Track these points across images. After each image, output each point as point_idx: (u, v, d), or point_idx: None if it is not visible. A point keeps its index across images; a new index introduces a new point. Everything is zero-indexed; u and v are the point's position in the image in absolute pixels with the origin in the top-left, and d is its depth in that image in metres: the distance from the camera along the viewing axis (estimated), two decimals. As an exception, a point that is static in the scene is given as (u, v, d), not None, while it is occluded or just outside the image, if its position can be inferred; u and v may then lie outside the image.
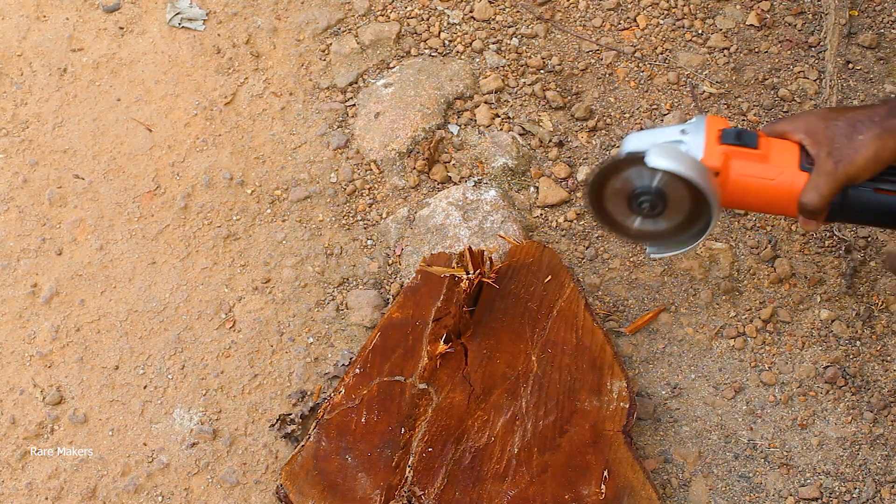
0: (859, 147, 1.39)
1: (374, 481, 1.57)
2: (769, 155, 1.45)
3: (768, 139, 1.47)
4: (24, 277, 1.92)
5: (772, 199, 1.47)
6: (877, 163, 1.39)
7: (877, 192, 1.41)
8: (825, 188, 1.41)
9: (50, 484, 1.76)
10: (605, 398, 1.62)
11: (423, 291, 1.74)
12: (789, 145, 1.46)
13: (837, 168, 1.40)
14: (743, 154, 1.44)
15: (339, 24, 2.13)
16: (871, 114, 1.39)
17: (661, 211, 1.48)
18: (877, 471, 1.67)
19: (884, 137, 1.38)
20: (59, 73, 2.11)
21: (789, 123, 1.48)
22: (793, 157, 1.45)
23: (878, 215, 1.45)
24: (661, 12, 2.06)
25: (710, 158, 1.43)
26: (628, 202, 1.49)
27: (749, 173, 1.45)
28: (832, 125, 1.42)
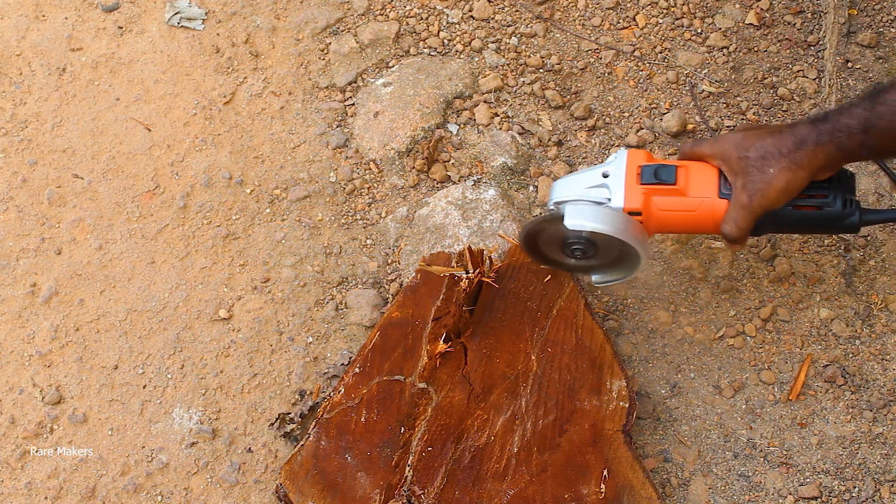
0: (771, 180, 1.44)
1: (374, 480, 1.57)
2: (688, 187, 1.52)
3: (687, 169, 1.53)
4: (23, 277, 1.92)
5: (695, 227, 1.56)
6: (788, 193, 1.45)
7: (795, 208, 1.49)
8: (741, 221, 1.48)
9: (49, 483, 1.75)
10: (604, 397, 1.62)
11: (423, 291, 1.74)
12: (708, 172, 1.54)
13: (752, 202, 1.46)
14: (662, 191, 1.53)
15: (339, 24, 2.13)
16: (780, 145, 1.43)
17: (594, 253, 1.60)
18: (876, 469, 1.66)
19: (793, 170, 1.43)
20: (58, 72, 2.11)
21: (708, 147, 1.54)
22: (712, 185, 1.52)
23: (800, 227, 1.55)
24: (661, 11, 2.06)
25: (631, 201, 1.53)
26: (561, 249, 1.61)
27: (670, 208, 1.54)
28: (744, 156, 1.47)
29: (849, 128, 1.36)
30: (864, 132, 1.35)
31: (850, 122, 1.36)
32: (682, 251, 1.85)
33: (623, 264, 1.63)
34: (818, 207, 1.47)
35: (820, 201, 1.47)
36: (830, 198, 1.47)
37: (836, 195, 1.47)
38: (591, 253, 1.60)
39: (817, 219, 1.49)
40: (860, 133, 1.36)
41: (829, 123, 1.39)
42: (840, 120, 1.38)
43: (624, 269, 1.64)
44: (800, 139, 1.41)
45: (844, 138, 1.37)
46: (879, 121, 1.33)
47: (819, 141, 1.39)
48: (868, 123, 1.34)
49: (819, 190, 1.47)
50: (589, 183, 1.57)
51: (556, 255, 1.66)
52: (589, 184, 1.57)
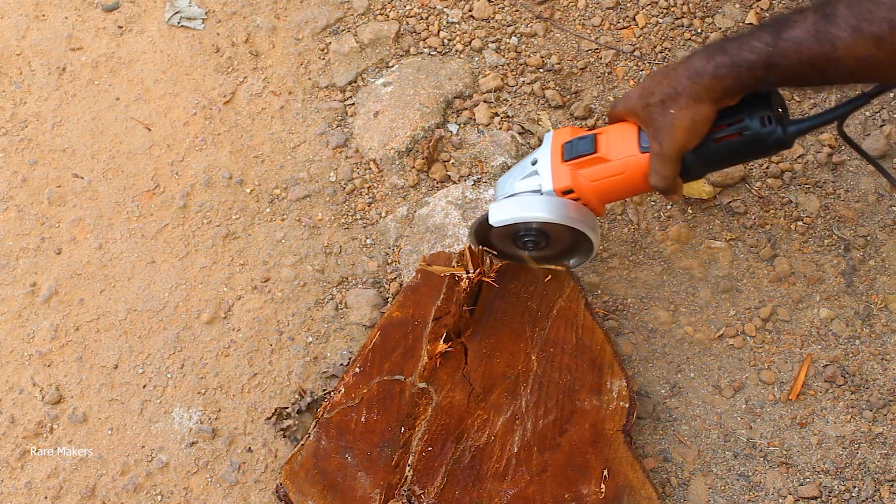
0: (674, 121, 1.40)
1: (374, 480, 1.57)
2: (609, 152, 1.51)
3: (606, 133, 1.53)
4: (23, 276, 1.92)
5: (632, 188, 1.54)
6: (696, 129, 1.41)
7: (716, 141, 1.44)
8: (662, 170, 1.46)
9: (49, 483, 1.75)
10: (604, 397, 1.62)
11: (423, 290, 1.74)
12: (627, 130, 1.52)
13: (663, 148, 1.43)
14: (586, 162, 1.52)
15: (339, 23, 2.13)
16: (675, 84, 1.39)
17: (548, 242, 1.61)
18: (876, 469, 1.67)
19: (691, 106, 1.39)
20: (58, 72, 2.11)
21: (620, 105, 1.52)
22: (631, 142, 1.51)
23: (731, 158, 1.49)
24: (661, 11, 2.06)
25: (559, 181, 1.54)
26: (514, 243, 1.64)
27: (599, 177, 1.53)
28: (648, 105, 1.44)
29: (749, 63, 1.31)
30: (766, 68, 1.30)
31: (750, 58, 1.30)
32: (682, 251, 1.85)
33: (582, 245, 1.64)
34: (738, 133, 1.42)
35: (737, 127, 1.42)
36: (746, 120, 1.41)
37: (753, 116, 1.41)
38: (544, 243, 1.61)
39: (742, 144, 1.43)
40: (761, 69, 1.30)
41: (727, 56, 1.33)
42: (740, 54, 1.32)
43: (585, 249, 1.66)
44: (694, 72, 1.36)
45: (744, 73, 1.32)
46: (782, 59, 1.27)
47: (716, 74, 1.34)
48: (770, 61, 1.29)
49: (733, 116, 1.42)
50: (521, 174, 1.58)
51: (512, 249, 1.67)
52: (521, 175, 1.58)
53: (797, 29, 1.25)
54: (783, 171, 1.88)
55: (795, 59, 1.26)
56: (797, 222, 1.85)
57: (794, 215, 1.85)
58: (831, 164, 1.88)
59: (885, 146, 1.86)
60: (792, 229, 1.84)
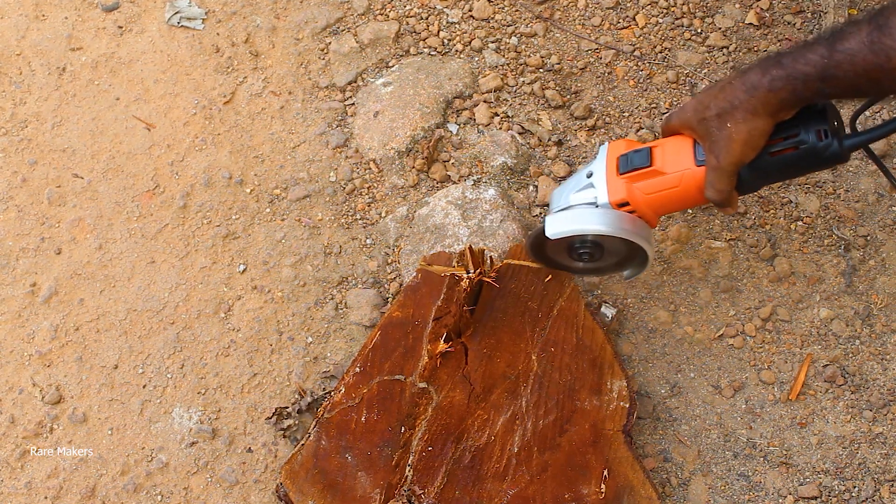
0: (732, 136, 1.41)
1: (374, 480, 1.57)
2: (665, 165, 1.52)
3: (661, 146, 1.54)
4: (23, 276, 1.92)
5: (687, 200, 1.55)
6: (752, 143, 1.42)
7: (772, 155, 1.45)
8: (718, 183, 1.46)
9: (49, 483, 1.75)
10: (605, 398, 1.62)
11: (424, 290, 1.74)
12: (682, 144, 1.53)
13: (720, 162, 1.44)
14: (641, 175, 1.53)
15: (338, 23, 2.13)
16: (732, 98, 1.40)
17: (602, 254, 1.62)
18: (876, 469, 1.67)
19: (749, 120, 1.39)
20: (58, 72, 2.11)
21: (676, 119, 1.53)
22: (687, 155, 1.51)
23: (786, 172, 1.50)
24: (660, 11, 2.06)
25: (615, 194, 1.54)
26: (569, 254, 1.64)
27: (654, 190, 1.53)
28: (703, 118, 1.45)
29: (805, 75, 1.32)
30: (822, 80, 1.30)
31: (806, 70, 1.31)
32: (682, 251, 1.85)
33: (636, 257, 1.64)
34: (794, 147, 1.43)
35: (793, 141, 1.43)
36: (803, 134, 1.42)
37: (809, 130, 1.42)
38: (599, 254, 1.61)
39: (798, 158, 1.44)
40: (817, 81, 1.31)
41: (783, 69, 1.34)
42: (795, 67, 1.32)
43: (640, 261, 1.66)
44: (750, 86, 1.37)
45: (800, 85, 1.33)
46: (837, 70, 1.28)
47: (772, 87, 1.35)
48: (825, 73, 1.29)
49: (789, 130, 1.43)
50: (576, 186, 1.59)
51: (567, 260, 1.68)
52: (576, 187, 1.59)
53: (852, 40, 1.26)
54: (783, 171, 1.88)
55: (851, 71, 1.27)
56: (797, 222, 1.85)
57: (794, 215, 1.85)
58: (831, 164, 1.88)
59: (885, 146, 1.86)
60: (792, 229, 1.84)
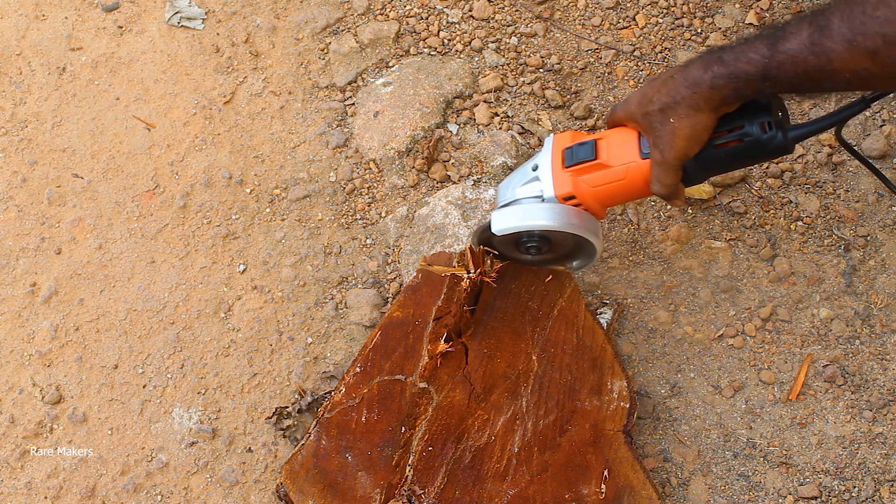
0: (675, 131, 1.42)
1: (375, 480, 1.57)
2: (610, 158, 1.52)
3: (606, 138, 1.54)
4: (23, 276, 1.92)
5: (632, 193, 1.55)
6: (696, 137, 1.42)
7: (717, 147, 1.45)
8: (663, 177, 1.47)
9: (49, 483, 1.75)
10: (605, 398, 1.62)
11: (424, 290, 1.74)
12: (627, 136, 1.53)
13: (664, 156, 1.44)
14: (587, 168, 1.53)
15: (338, 24, 2.13)
16: (674, 93, 1.40)
17: (550, 247, 1.62)
18: (876, 469, 1.67)
19: (691, 115, 1.40)
20: (57, 72, 2.11)
21: (621, 111, 1.53)
22: (632, 148, 1.52)
23: (731, 164, 1.50)
24: (660, 11, 2.06)
25: (560, 187, 1.55)
26: (516, 248, 1.65)
27: (600, 182, 1.54)
28: (647, 113, 1.45)
29: (746, 74, 1.32)
30: (763, 80, 1.31)
31: (748, 69, 1.31)
32: (682, 251, 1.85)
33: (584, 249, 1.65)
34: (739, 140, 1.43)
35: (738, 133, 1.43)
36: (747, 126, 1.42)
37: (753, 122, 1.42)
38: (546, 248, 1.62)
39: (743, 150, 1.44)
40: (758, 81, 1.31)
41: (725, 67, 1.34)
42: (737, 66, 1.33)
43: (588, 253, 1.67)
44: (693, 82, 1.37)
45: (741, 84, 1.33)
46: (779, 71, 1.28)
47: (714, 84, 1.35)
48: (767, 73, 1.30)
49: (734, 122, 1.43)
50: (522, 180, 1.59)
51: (515, 253, 1.69)
52: (522, 180, 1.59)
53: (793, 41, 1.26)
54: (783, 171, 1.88)
55: (791, 72, 1.28)
56: (797, 222, 1.85)
57: (794, 215, 1.85)
58: (831, 164, 1.88)
59: (885, 146, 1.86)
60: (792, 229, 1.84)
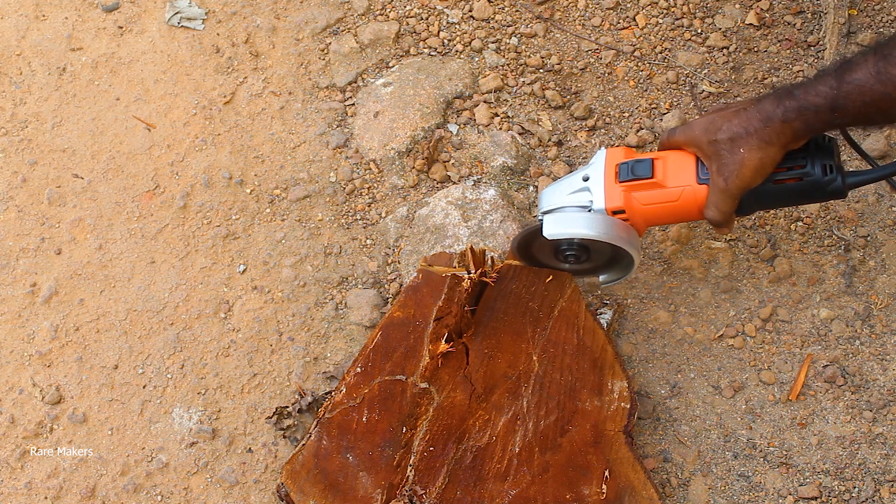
0: (743, 161, 1.44)
1: (376, 480, 1.57)
2: (666, 178, 1.53)
3: (664, 159, 1.55)
4: (23, 277, 1.92)
5: (681, 216, 1.57)
6: (762, 170, 1.45)
7: (776, 182, 1.48)
8: (722, 205, 1.49)
9: (49, 483, 1.75)
10: (606, 398, 1.62)
11: (425, 291, 1.74)
12: (685, 160, 1.55)
13: (728, 184, 1.46)
14: (641, 186, 1.54)
15: (339, 24, 2.13)
16: (747, 125, 1.43)
17: (587, 257, 1.64)
18: (876, 470, 1.67)
19: (762, 148, 1.42)
20: (58, 72, 2.11)
21: (681, 135, 1.55)
22: (689, 172, 1.53)
23: (786, 200, 1.53)
24: (661, 11, 2.06)
25: (612, 201, 1.56)
26: (555, 256, 1.67)
27: (652, 201, 1.55)
28: (714, 140, 1.47)
29: (816, 106, 1.36)
30: (832, 111, 1.35)
31: (817, 101, 1.35)
32: (682, 251, 1.85)
33: (619, 263, 1.66)
34: (798, 178, 1.47)
35: (799, 172, 1.46)
36: (809, 167, 1.46)
37: (815, 163, 1.46)
38: (584, 257, 1.64)
39: (800, 189, 1.48)
40: (827, 112, 1.35)
41: (795, 101, 1.38)
42: (807, 98, 1.36)
43: (622, 268, 1.68)
44: (766, 116, 1.41)
45: (811, 116, 1.37)
46: (846, 101, 1.32)
47: (786, 118, 1.39)
48: (835, 104, 1.34)
49: (796, 161, 1.46)
50: (571, 188, 1.60)
51: (551, 260, 1.70)
52: (571, 189, 1.60)
53: (859, 72, 1.30)
54: (783, 171, 1.88)
55: (859, 101, 1.31)
56: (797, 222, 1.85)
57: (794, 215, 1.85)
58: (831, 164, 1.88)
59: (885, 146, 1.86)
60: (792, 229, 1.84)
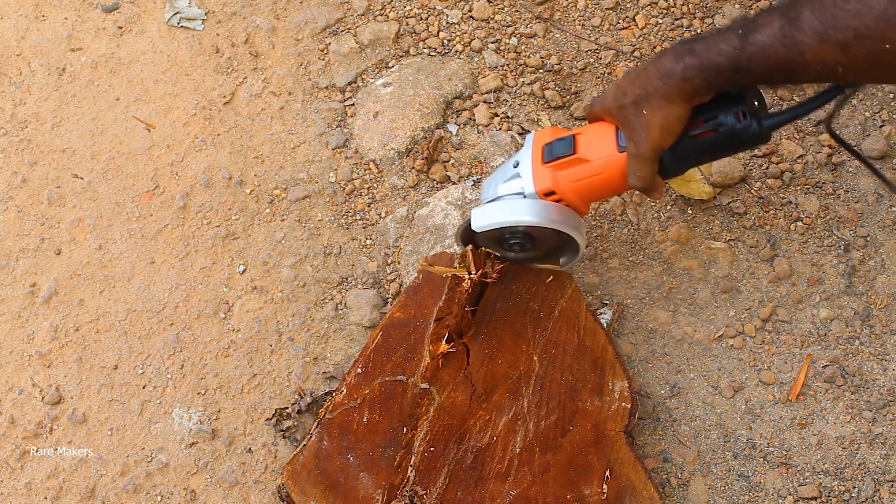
0: (649, 122, 1.42)
1: (376, 481, 1.57)
2: (588, 152, 1.52)
3: (585, 133, 1.54)
4: (22, 277, 1.92)
5: (612, 188, 1.55)
6: (670, 129, 1.42)
7: (693, 138, 1.45)
8: (639, 170, 1.47)
9: (49, 484, 1.75)
10: (606, 398, 1.63)
11: (425, 291, 1.74)
12: (605, 130, 1.53)
13: (639, 149, 1.45)
14: (566, 163, 1.53)
15: (338, 24, 2.13)
16: (647, 84, 1.40)
17: (534, 244, 1.63)
18: (876, 470, 1.67)
19: (664, 106, 1.40)
20: (57, 72, 2.11)
21: (598, 105, 1.53)
22: (609, 143, 1.52)
23: (709, 154, 1.50)
24: (660, 11, 2.06)
25: (540, 183, 1.55)
26: (501, 245, 1.65)
27: (579, 177, 1.54)
28: (622, 106, 1.45)
29: (717, 66, 1.32)
30: (734, 71, 1.31)
31: (718, 60, 1.31)
32: (681, 251, 1.85)
33: (568, 244, 1.65)
34: (714, 130, 1.43)
35: (713, 124, 1.43)
36: (721, 117, 1.42)
37: (727, 112, 1.42)
38: (530, 245, 1.63)
39: (718, 140, 1.44)
40: (729, 72, 1.31)
41: (696, 58, 1.34)
42: (708, 56, 1.32)
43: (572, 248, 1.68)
44: (664, 74, 1.37)
45: (712, 75, 1.33)
46: (750, 63, 1.28)
47: (685, 76, 1.35)
48: (738, 64, 1.30)
49: (708, 113, 1.43)
50: (504, 177, 1.60)
51: (500, 249, 1.69)
52: (504, 178, 1.59)
53: (763, 33, 1.26)
54: (783, 171, 1.88)
55: (762, 63, 1.28)
56: (797, 222, 1.85)
57: (793, 215, 1.85)
58: (831, 164, 1.88)
59: (885, 146, 1.87)
60: (792, 229, 1.84)
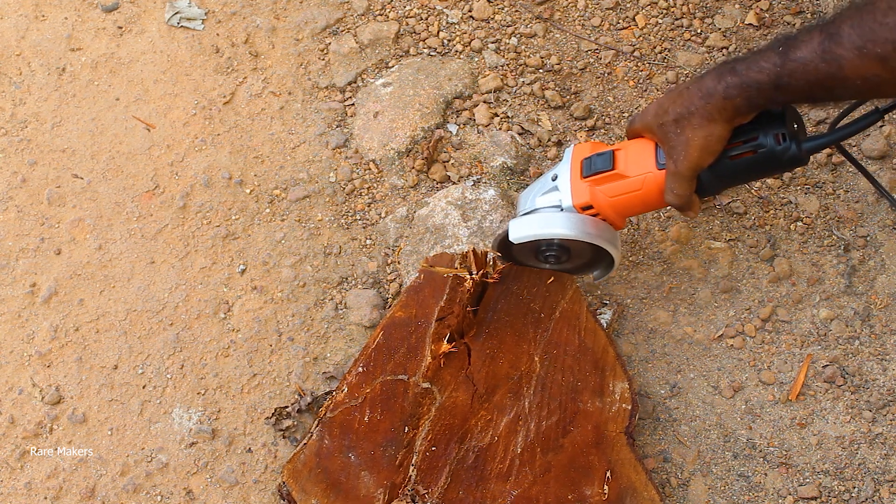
0: (689, 141, 1.43)
1: (378, 480, 1.57)
2: (627, 168, 1.53)
3: (624, 149, 1.55)
4: (22, 277, 1.91)
5: (649, 204, 1.56)
6: (710, 148, 1.43)
7: (731, 159, 1.47)
8: (677, 188, 1.48)
9: (49, 483, 1.75)
10: (607, 399, 1.63)
11: (427, 291, 1.74)
12: (644, 147, 1.55)
13: (678, 167, 1.46)
14: (604, 178, 1.54)
15: (338, 24, 2.13)
16: (688, 104, 1.41)
17: (569, 256, 1.64)
18: (875, 470, 1.67)
19: (705, 126, 1.41)
20: (57, 72, 2.11)
21: (639, 122, 1.54)
22: (649, 159, 1.53)
23: (746, 175, 1.51)
24: (660, 11, 2.06)
25: (578, 197, 1.56)
26: (536, 257, 1.67)
27: (617, 193, 1.55)
28: (662, 123, 1.46)
29: (759, 83, 1.33)
30: (775, 89, 1.32)
31: (759, 78, 1.33)
32: (681, 251, 1.85)
33: (602, 258, 1.67)
34: (753, 151, 1.45)
35: (752, 145, 1.44)
36: (761, 138, 1.44)
37: (767, 133, 1.43)
38: (565, 257, 1.64)
39: (757, 162, 1.46)
40: (770, 90, 1.33)
41: (738, 76, 1.35)
42: (749, 75, 1.34)
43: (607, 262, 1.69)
44: (706, 93, 1.39)
45: (754, 93, 1.35)
46: (790, 79, 1.30)
47: (727, 95, 1.37)
48: (779, 81, 1.31)
49: (748, 134, 1.44)
50: (542, 189, 1.61)
51: (534, 261, 1.70)
52: (542, 190, 1.61)
53: (804, 49, 1.28)
54: (783, 171, 1.89)
55: (803, 80, 1.29)
56: (797, 222, 1.85)
57: (793, 215, 1.86)
58: (831, 164, 1.89)
59: (885, 147, 1.87)
60: (792, 229, 1.85)
